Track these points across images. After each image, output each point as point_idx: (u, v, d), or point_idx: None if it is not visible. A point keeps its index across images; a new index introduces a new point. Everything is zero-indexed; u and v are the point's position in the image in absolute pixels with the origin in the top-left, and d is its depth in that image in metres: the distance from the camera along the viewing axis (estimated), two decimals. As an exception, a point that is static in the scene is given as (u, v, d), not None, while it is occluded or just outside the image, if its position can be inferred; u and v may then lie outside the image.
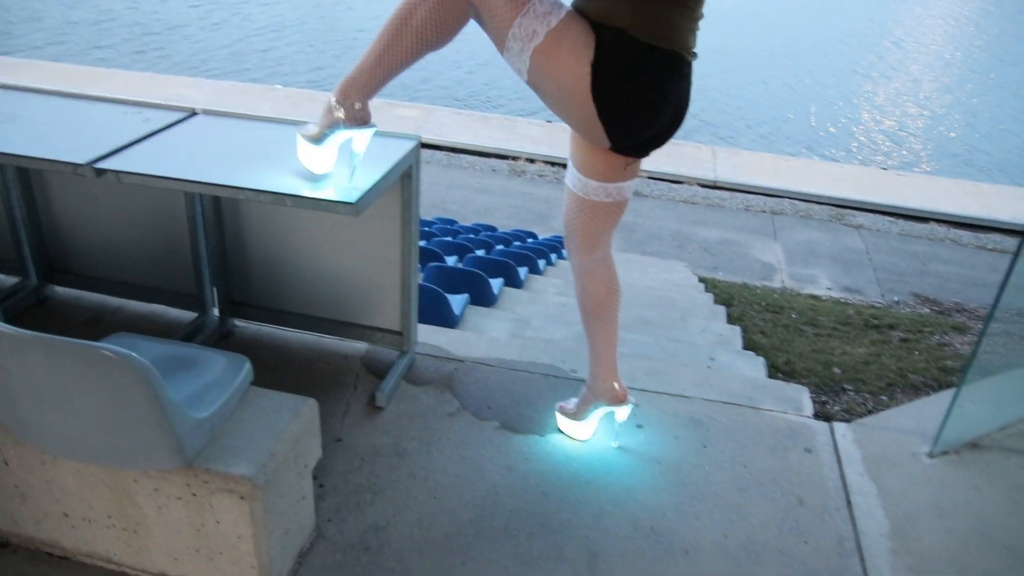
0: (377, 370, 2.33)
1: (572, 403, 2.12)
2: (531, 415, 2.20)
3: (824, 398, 4.30)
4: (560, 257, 6.55)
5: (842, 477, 2.08)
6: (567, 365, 2.42)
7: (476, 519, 1.86)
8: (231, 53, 15.12)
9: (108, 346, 1.31)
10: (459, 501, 1.90)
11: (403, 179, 2.07)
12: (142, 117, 2.14)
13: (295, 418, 1.61)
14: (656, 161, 11.70)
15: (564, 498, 1.94)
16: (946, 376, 4.91)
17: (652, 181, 11.20)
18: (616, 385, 2.00)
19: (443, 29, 1.61)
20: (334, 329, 2.39)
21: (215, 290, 2.43)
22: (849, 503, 2.00)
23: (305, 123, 1.85)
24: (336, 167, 1.83)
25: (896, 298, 8.35)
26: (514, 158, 11.01)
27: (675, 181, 11.28)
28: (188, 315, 2.48)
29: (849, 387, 4.46)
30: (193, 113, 2.20)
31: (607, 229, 1.84)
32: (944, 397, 2.46)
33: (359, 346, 2.42)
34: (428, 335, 2.51)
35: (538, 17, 1.53)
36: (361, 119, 1.73)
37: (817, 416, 2.31)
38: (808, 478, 2.06)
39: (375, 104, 1.78)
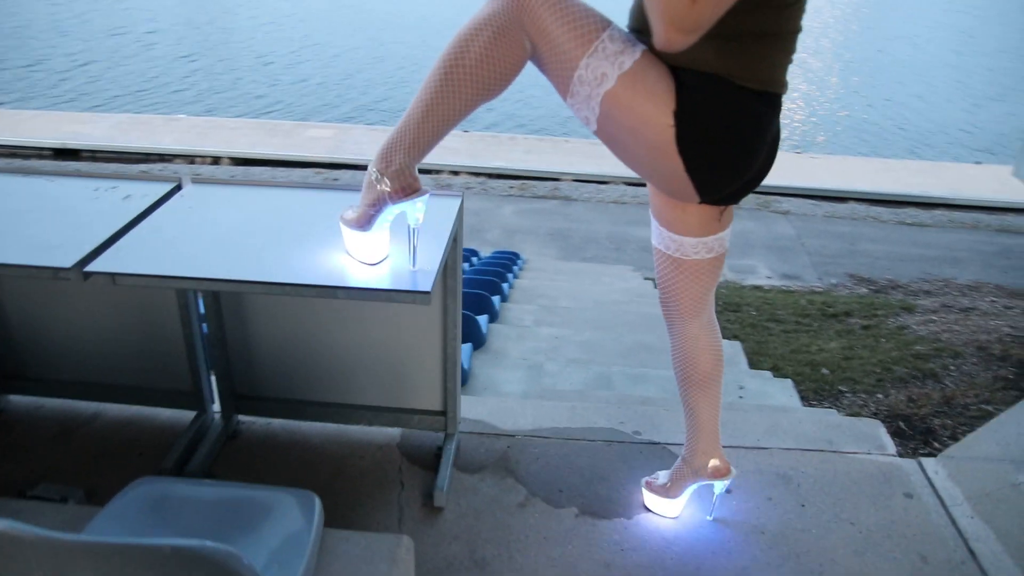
0: (420, 459, 2.02)
1: (662, 478, 1.87)
2: (608, 494, 1.94)
3: (827, 404, 4.22)
4: (514, 276, 6.30)
5: (953, 523, 1.91)
6: (627, 427, 2.18)
7: (589, 637, 1.59)
8: (137, 87, 14.10)
9: (185, 543, 0.98)
10: (563, 616, 1.63)
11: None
12: (120, 193, 1.77)
13: (393, 567, 1.30)
14: (577, 162, 11.63)
15: (678, 594, 1.69)
16: (924, 363, 4.94)
17: (578, 184, 11.10)
18: (718, 460, 1.77)
19: (501, 70, 1.33)
20: (362, 417, 2.07)
21: (214, 383, 2.07)
22: (972, 553, 1.83)
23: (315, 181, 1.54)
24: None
25: (834, 280, 8.49)
26: (437, 172, 10.71)
27: (601, 182, 11.18)
28: (183, 415, 2.11)
29: (844, 389, 4.40)
30: (179, 186, 1.84)
31: (712, 286, 1.60)
32: (1014, 415, 2.34)
33: (391, 432, 2.11)
34: (463, 408, 2.21)
35: (608, 57, 1.27)
36: (411, 188, 1.42)
37: (900, 454, 2.14)
38: (920, 529, 1.89)
39: (280, 127, 1.47)
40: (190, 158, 10.35)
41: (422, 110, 1.34)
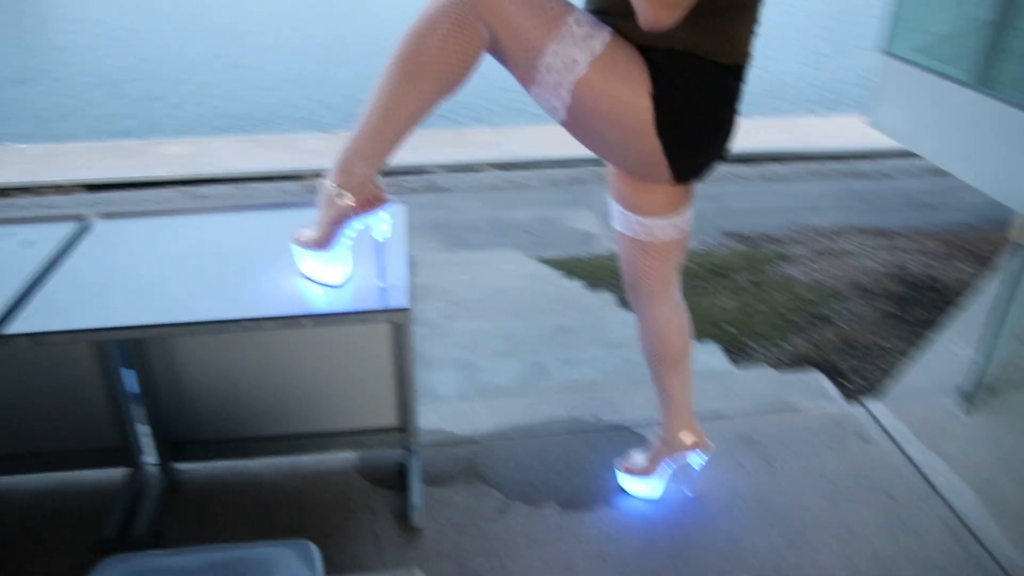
0: (384, 480, 1.92)
1: (638, 459, 1.86)
2: (586, 484, 1.91)
3: (741, 360, 4.37)
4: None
5: (908, 458, 2.01)
6: (586, 414, 2.15)
7: (601, 634, 1.56)
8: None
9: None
10: (569, 617, 1.59)
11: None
12: (18, 240, 1.57)
13: (414, 603, 1.22)
14: (446, 152, 11.53)
15: (677, 571, 1.68)
16: (815, 308, 5.21)
17: (451, 173, 11.01)
18: (694, 435, 1.77)
19: (462, 63, 1.26)
20: (314, 445, 1.94)
21: (145, 433, 1.89)
22: (931, 483, 1.92)
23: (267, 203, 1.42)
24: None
25: (710, 240, 8.81)
26: (301, 177, 10.34)
27: (471, 169, 11.13)
28: (112, 475, 1.90)
29: (752, 343, 4.57)
30: (84, 224, 1.65)
31: (677, 265, 1.59)
32: (939, 348, 2.49)
33: (348, 457, 1.99)
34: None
35: (577, 42, 1.22)
36: (376, 199, 1.33)
37: (847, 397, 2.23)
38: (880, 470, 1.97)
39: (131, 147, 1.36)
40: (33, 190, 9.52)
41: (380, 114, 1.25)
